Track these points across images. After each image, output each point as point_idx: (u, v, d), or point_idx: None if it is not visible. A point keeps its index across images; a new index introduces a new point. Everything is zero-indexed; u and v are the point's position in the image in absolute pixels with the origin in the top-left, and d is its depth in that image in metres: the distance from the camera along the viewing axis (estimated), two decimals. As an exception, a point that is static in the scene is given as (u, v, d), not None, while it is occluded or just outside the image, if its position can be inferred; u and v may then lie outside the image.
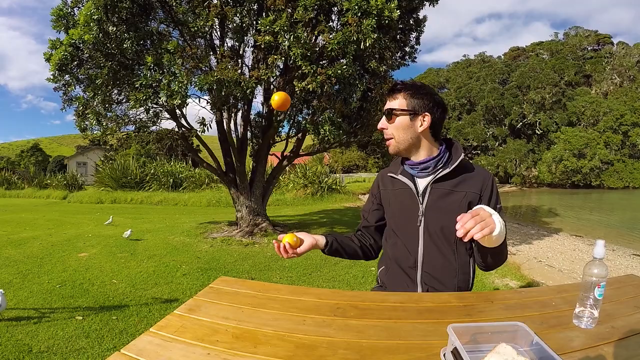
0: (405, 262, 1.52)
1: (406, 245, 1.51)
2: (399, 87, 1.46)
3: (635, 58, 48.79)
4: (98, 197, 16.89)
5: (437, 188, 1.45)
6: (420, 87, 1.46)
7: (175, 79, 5.16)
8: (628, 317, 1.18)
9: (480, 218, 1.15)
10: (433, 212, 1.46)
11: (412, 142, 1.45)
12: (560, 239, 9.45)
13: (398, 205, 1.55)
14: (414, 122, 1.43)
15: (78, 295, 3.85)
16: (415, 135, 1.44)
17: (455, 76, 53.39)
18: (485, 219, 1.16)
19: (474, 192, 1.43)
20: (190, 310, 1.18)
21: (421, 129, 1.43)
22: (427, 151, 1.47)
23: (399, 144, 1.46)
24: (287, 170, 16.77)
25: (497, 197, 1.48)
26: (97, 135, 6.42)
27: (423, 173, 1.47)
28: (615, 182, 41.05)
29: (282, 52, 5.38)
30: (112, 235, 7.27)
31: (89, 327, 3.05)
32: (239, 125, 7.49)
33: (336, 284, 4.53)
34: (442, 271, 1.47)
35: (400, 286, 1.54)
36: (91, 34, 5.22)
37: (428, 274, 1.48)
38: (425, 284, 1.49)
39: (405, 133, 1.44)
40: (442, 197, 1.45)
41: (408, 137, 1.44)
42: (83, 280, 4.39)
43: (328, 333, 1.05)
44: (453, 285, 1.47)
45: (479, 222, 1.14)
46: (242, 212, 7.54)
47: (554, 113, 44.29)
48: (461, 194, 1.43)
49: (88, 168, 32.23)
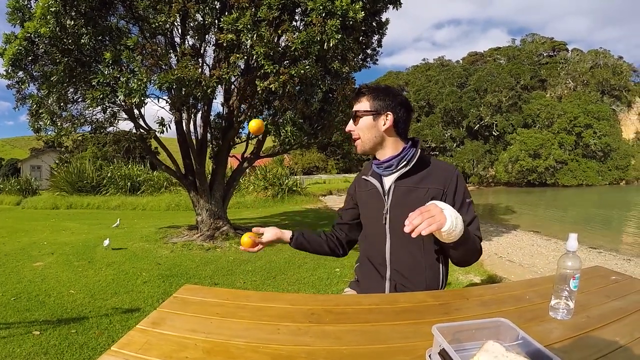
0: (376, 259, 1.56)
1: (375, 244, 1.55)
2: (363, 90, 1.52)
3: (589, 64, 51.67)
4: (53, 203, 16.19)
5: (400, 185, 1.48)
6: (384, 89, 1.52)
7: (134, 77, 4.97)
8: (601, 306, 1.23)
9: (428, 214, 1.16)
10: (397, 210, 1.47)
11: (376, 141, 1.50)
12: (518, 235, 9.80)
13: (367, 205, 1.60)
14: (377, 121, 1.48)
15: (34, 309, 3.63)
16: (379, 134, 1.49)
17: (415, 79, 54.72)
18: (434, 214, 1.16)
19: (437, 188, 1.45)
20: (155, 323, 1.08)
21: (384, 127, 1.48)
22: (392, 150, 1.51)
23: (364, 144, 1.51)
24: (248, 172, 16.64)
25: (464, 191, 1.49)
26: (51, 137, 6.13)
27: (387, 171, 1.51)
28: (569, 181, 43.26)
29: (245, 51, 5.29)
30: (69, 243, 6.97)
31: (47, 342, 2.87)
32: (198, 127, 7.34)
33: (302, 286, 4.49)
34: (410, 268, 1.49)
35: (371, 281, 1.57)
36: (48, 28, 4.95)
37: (396, 271, 1.50)
38: (394, 280, 1.51)
39: (370, 132, 1.49)
40: (406, 194, 1.47)
41: (372, 136, 1.49)
42: (39, 291, 4.16)
43: (305, 341, 0.99)
44: (421, 283, 1.47)
45: (427, 218, 1.15)
46: (203, 216, 7.38)
47: (510, 115, 46.16)
48: (424, 190, 1.45)
49: (43, 172, 30.76)
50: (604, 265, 5.91)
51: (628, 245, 9.68)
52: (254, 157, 7.71)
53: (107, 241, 6.25)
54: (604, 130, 44.86)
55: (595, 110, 45.66)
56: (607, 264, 6.52)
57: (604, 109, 46.66)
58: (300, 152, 41.63)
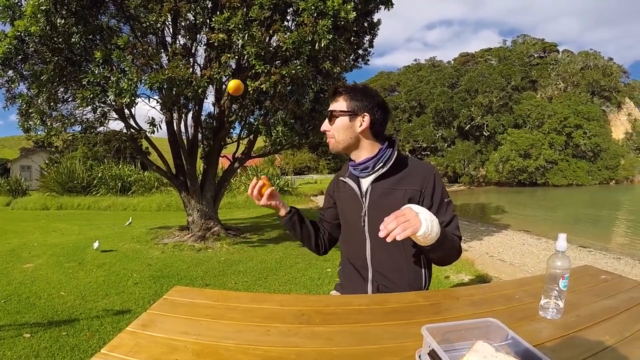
0: (357, 261, 1.55)
1: (355, 246, 1.54)
2: (340, 90, 1.50)
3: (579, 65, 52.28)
4: (43, 203, 16.01)
5: (377, 187, 1.48)
6: (361, 89, 1.50)
7: (124, 77, 4.93)
8: (590, 306, 1.24)
9: (404, 218, 1.16)
10: (375, 212, 1.47)
11: (351, 142, 1.48)
12: (509, 234, 9.85)
13: (345, 207, 1.60)
14: (353, 122, 1.46)
15: (25, 311, 3.59)
16: (354, 135, 1.47)
17: (406, 79, 54.90)
18: (409, 219, 1.17)
19: (414, 189, 1.44)
20: (144, 326, 1.07)
21: (360, 128, 1.46)
22: (368, 151, 1.49)
23: (338, 144, 1.49)
24: (239, 172, 16.64)
25: (442, 191, 1.48)
26: (41, 137, 6.06)
27: (364, 173, 1.49)
28: (560, 180, 43.67)
29: (236, 50, 5.27)
30: (59, 244, 6.90)
31: (38, 345, 2.84)
32: (189, 127, 7.30)
33: (293, 286, 4.48)
34: (391, 270, 1.49)
35: (354, 284, 1.57)
36: (38, 26, 4.90)
37: (379, 273, 1.50)
38: (376, 281, 1.51)
39: (345, 133, 1.47)
40: (383, 196, 1.46)
41: (347, 137, 1.47)
42: (29, 293, 4.11)
43: (295, 343, 0.98)
44: (404, 284, 1.48)
45: (402, 223, 1.15)
46: (194, 216, 7.34)
47: (501, 116, 46.49)
48: (401, 191, 1.44)
49: (33, 172, 30.35)
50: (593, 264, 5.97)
51: (617, 244, 9.78)
52: (245, 157, 7.69)
53: (96, 243, 6.17)
54: (593, 130, 45.37)
55: (585, 110, 46.16)
56: (597, 262, 6.58)
57: (594, 110, 47.21)
58: (292, 152, 41.64)
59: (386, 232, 1.13)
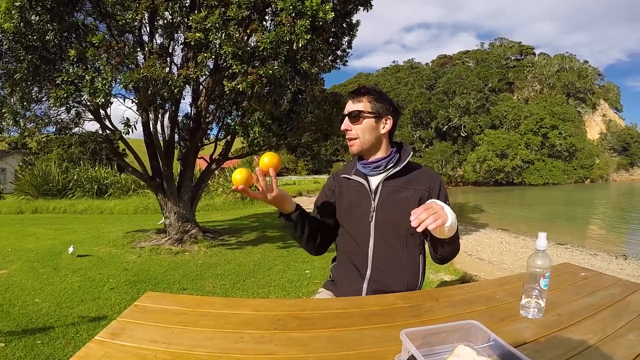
0: (356, 257, 1.56)
1: (358, 241, 1.55)
2: (363, 90, 1.55)
3: (555, 67, 53.67)
4: (18, 207, 15.51)
5: (388, 185, 1.53)
6: (382, 93, 1.57)
7: (99, 76, 4.79)
8: (571, 304, 1.25)
9: (432, 210, 1.21)
10: (384, 208, 1.51)
11: (374, 143, 1.54)
12: (487, 233, 10.01)
13: (351, 203, 1.60)
14: (378, 124, 1.52)
15: (-2, 319, 3.48)
16: (378, 136, 1.53)
17: (384, 81, 55.39)
18: (437, 211, 1.22)
19: (424, 189, 1.51)
20: (114, 334, 1.02)
21: (384, 131, 1.53)
22: (383, 152, 1.56)
23: (363, 144, 1.53)
24: (216, 174, 16.48)
25: (446, 194, 1.55)
26: (14, 138, 5.85)
27: (375, 172, 1.55)
28: (536, 179, 44.63)
29: (213, 50, 5.19)
30: (34, 249, 6.70)
31: (12, 354, 2.75)
32: (166, 127, 7.16)
33: (272, 289, 4.44)
34: (391, 267, 1.51)
35: (349, 280, 1.57)
36: (12, 23, 4.73)
37: (378, 269, 1.51)
38: (374, 279, 1.52)
39: (370, 134, 1.52)
40: (393, 194, 1.52)
41: (372, 138, 1.52)
42: (3, 301, 3.98)
43: (269, 350, 0.95)
44: (402, 281, 1.50)
45: (432, 214, 1.20)
46: (171, 219, 7.22)
47: (479, 117, 47.28)
48: (411, 190, 1.51)
49: (7, 175, 29.38)
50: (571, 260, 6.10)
51: (594, 241, 10.01)
52: (222, 159, 7.60)
53: (71, 248, 6.00)
54: (569, 131, 46.55)
55: (561, 112, 47.34)
56: (575, 259, 6.72)
57: (570, 111, 48.48)
58: (270, 154, 41.59)
59: (418, 222, 1.17)
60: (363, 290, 1.52)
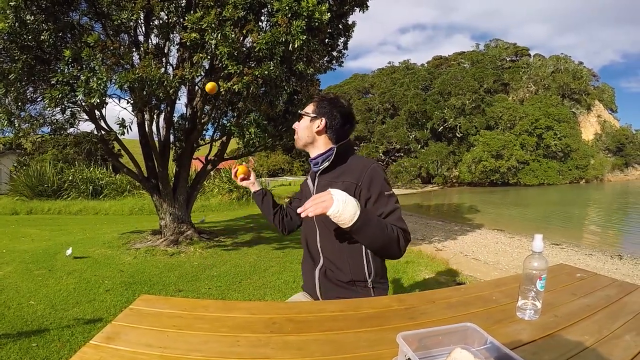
0: (312, 249, 1.73)
1: (309, 234, 1.74)
2: (314, 96, 1.86)
3: (550, 69, 53.87)
4: (13, 208, 15.39)
5: (322, 180, 1.68)
6: (330, 99, 1.73)
7: (94, 76, 4.76)
8: (568, 305, 1.25)
9: (319, 199, 1.33)
10: None
11: (308, 140, 1.71)
12: (482, 233, 10.03)
13: (302, 198, 1.82)
14: (312, 123, 1.69)
15: (-7, 322, 3.45)
16: (311, 134, 1.70)
17: (380, 82, 55.20)
18: (324, 199, 1.32)
19: (351, 182, 1.57)
20: (109, 338, 1.01)
21: (317, 129, 1.68)
22: (321, 149, 1.70)
23: (299, 140, 1.74)
24: (212, 174, 16.57)
25: (382, 184, 1.57)
26: (9, 138, 5.80)
27: (315, 168, 1.71)
28: (531, 180, 44.74)
29: (209, 50, 5.18)
30: (29, 250, 6.66)
31: (7, 357, 2.74)
32: (161, 128, 7.13)
33: (267, 290, 4.43)
34: (337, 256, 1.62)
35: (307, 270, 1.76)
36: (7, 23, 4.69)
37: (327, 259, 1.65)
38: (325, 269, 1.66)
39: (304, 132, 1.71)
40: (325, 188, 1.54)
41: (305, 135, 1.71)
42: (-2, 303, 3.96)
43: (265, 354, 0.94)
44: (346, 271, 1.60)
45: (317, 203, 1.32)
46: (166, 220, 7.19)
47: (474, 118, 47.30)
48: (340, 184, 1.58)
49: (2, 175, 29.15)
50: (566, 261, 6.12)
51: (589, 241, 10.07)
52: (218, 159, 7.57)
53: (69, 250, 5.96)
54: (564, 131, 46.69)
55: (555, 112, 47.46)
56: (570, 259, 6.75)
57: (564, 112, 48.62)
58: (266, 154, 41.44)
59: (302, 209, 1.32)
60: (315, 278, 1.68)
